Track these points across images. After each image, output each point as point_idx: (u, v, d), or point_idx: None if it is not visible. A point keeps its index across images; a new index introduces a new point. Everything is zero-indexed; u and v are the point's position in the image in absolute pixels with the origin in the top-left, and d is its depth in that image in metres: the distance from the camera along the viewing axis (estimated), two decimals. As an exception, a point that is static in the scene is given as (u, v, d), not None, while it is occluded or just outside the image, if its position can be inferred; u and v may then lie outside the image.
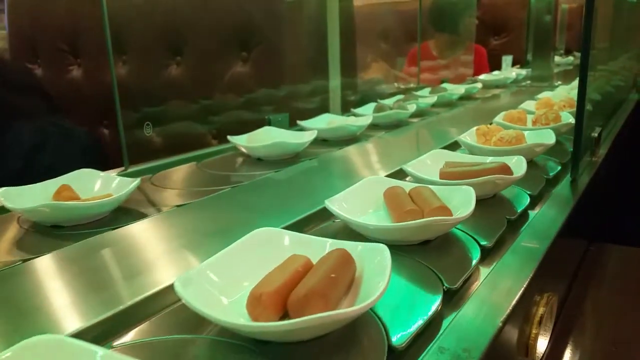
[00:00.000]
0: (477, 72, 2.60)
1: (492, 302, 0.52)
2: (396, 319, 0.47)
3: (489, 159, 0.84)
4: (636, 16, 2.07)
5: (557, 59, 2.73)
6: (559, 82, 2.30)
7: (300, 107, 1.52)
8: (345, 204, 0.67)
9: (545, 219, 0.76)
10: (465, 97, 1.96)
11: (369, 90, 1.86)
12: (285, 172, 0.98)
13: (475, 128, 1.01)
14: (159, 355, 0.43)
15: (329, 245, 0.53)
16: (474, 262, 0.59)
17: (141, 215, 0.75)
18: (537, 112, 1.18)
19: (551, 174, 0.93)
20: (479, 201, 0.65)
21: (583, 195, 0.89)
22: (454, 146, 1.07)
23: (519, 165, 0.79)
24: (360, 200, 0.70)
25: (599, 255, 1.14)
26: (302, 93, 1.56)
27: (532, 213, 0.78)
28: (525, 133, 0.98)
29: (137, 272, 0.58)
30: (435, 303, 0.50)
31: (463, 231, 0.65)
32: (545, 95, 1.54)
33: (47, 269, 0.60)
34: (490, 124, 1.06)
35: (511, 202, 0.78)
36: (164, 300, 0.51)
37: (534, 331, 0.61)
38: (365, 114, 1.37)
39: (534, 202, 0.81)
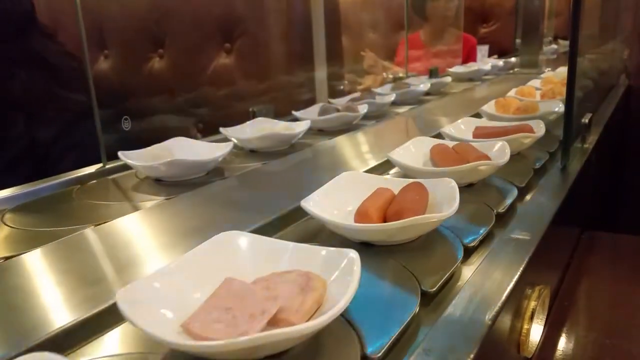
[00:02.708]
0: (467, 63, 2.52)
1: (481, 297, 0.51)
2: (463, 233, 0.62)
3: (513, 124, 0.99)
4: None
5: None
6: (549, 69, 2.25)
7: (286, 99, 1.45)
8: (402, 157, 0.81)
9: (536, 208, 0.76)
10: (435, 92, 1.75)
11: (357, 80, 1.85)
12: (190, 196, 0.77)
13: (494, 100, 1.16)
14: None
15: (406, 182, 0.67)
16: (514, 197, 0.74)
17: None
18: (544, 88, 1.34)
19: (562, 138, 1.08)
20: (509, 157, 0.79)
21: (574, 183, 0.89)
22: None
23: (538, 127, 0.94)
24: (412, 155, 0.85)
25: (591, 244, 1.12)
26: (288, 84, 1.49)
27: (522, 202, 0.78)
28: (538, 104, 1.13)
29: None
30: (489, 225, 0.65)
31: (500, 177, 0.81)
32: (547, 75, 1.70)
33: None
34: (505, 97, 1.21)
35: (534, 157, 0.93)
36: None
37: (525, 326, 0.61)
38: (307, 118, 1.14)
39: (552, 157, 0.97)
